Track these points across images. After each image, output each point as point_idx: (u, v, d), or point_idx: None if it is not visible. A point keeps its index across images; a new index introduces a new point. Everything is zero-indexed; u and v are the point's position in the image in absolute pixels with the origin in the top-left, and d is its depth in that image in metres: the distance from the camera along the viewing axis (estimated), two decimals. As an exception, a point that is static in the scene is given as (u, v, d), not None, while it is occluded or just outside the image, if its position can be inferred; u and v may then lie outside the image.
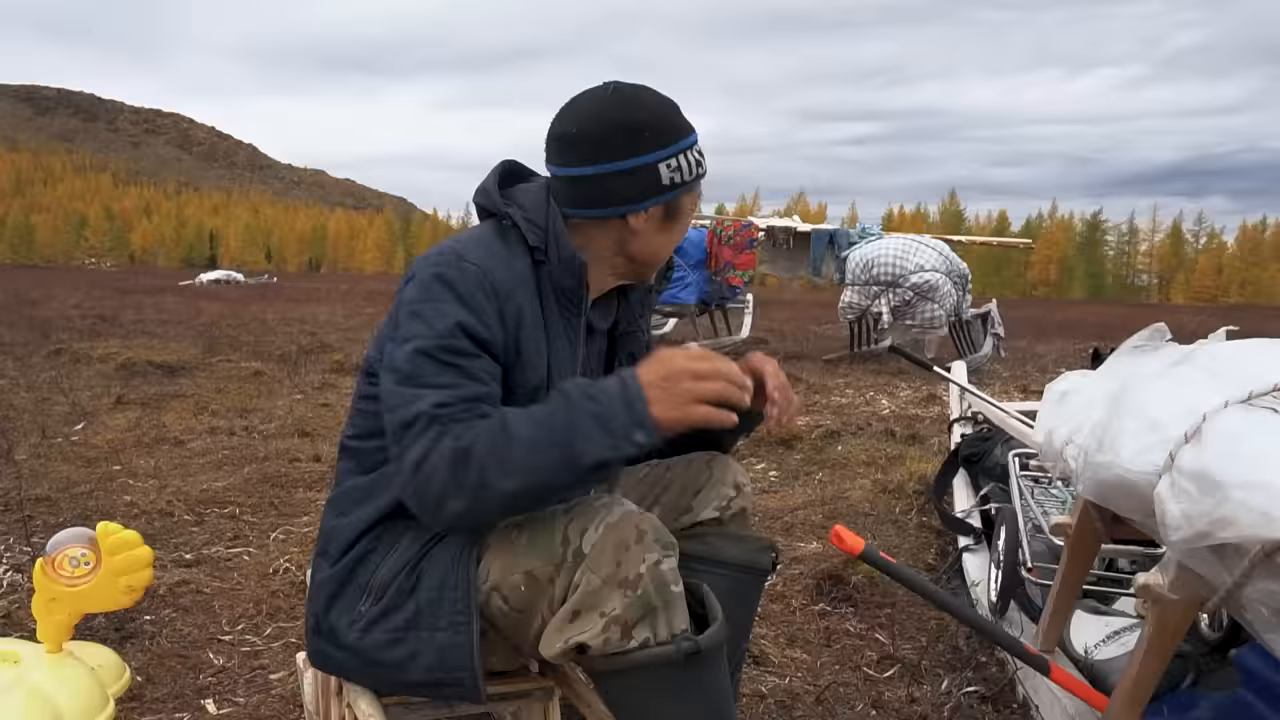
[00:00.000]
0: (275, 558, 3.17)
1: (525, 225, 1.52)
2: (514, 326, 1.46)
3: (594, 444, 1.31)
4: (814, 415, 6.60)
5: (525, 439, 1.31)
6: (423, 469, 1.33)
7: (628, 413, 1.31)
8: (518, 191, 1.58)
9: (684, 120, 1.55)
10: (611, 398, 1.32)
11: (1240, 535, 1.29)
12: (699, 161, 1.56)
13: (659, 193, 1.51)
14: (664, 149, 1.51)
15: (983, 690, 2.34)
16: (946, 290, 9.86)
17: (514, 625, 1.45)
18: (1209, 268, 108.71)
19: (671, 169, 1.51)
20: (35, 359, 8.28)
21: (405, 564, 1.46)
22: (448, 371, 1.38)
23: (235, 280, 37.37)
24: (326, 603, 1.52)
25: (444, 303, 1.42)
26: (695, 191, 1.58)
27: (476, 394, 1.39)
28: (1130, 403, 1.64)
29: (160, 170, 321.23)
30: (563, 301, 1.54)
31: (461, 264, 1.44)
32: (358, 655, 1.49)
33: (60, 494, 3.87)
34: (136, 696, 2.18)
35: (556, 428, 1.31)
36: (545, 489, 1.35)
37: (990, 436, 3.66)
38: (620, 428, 1.31)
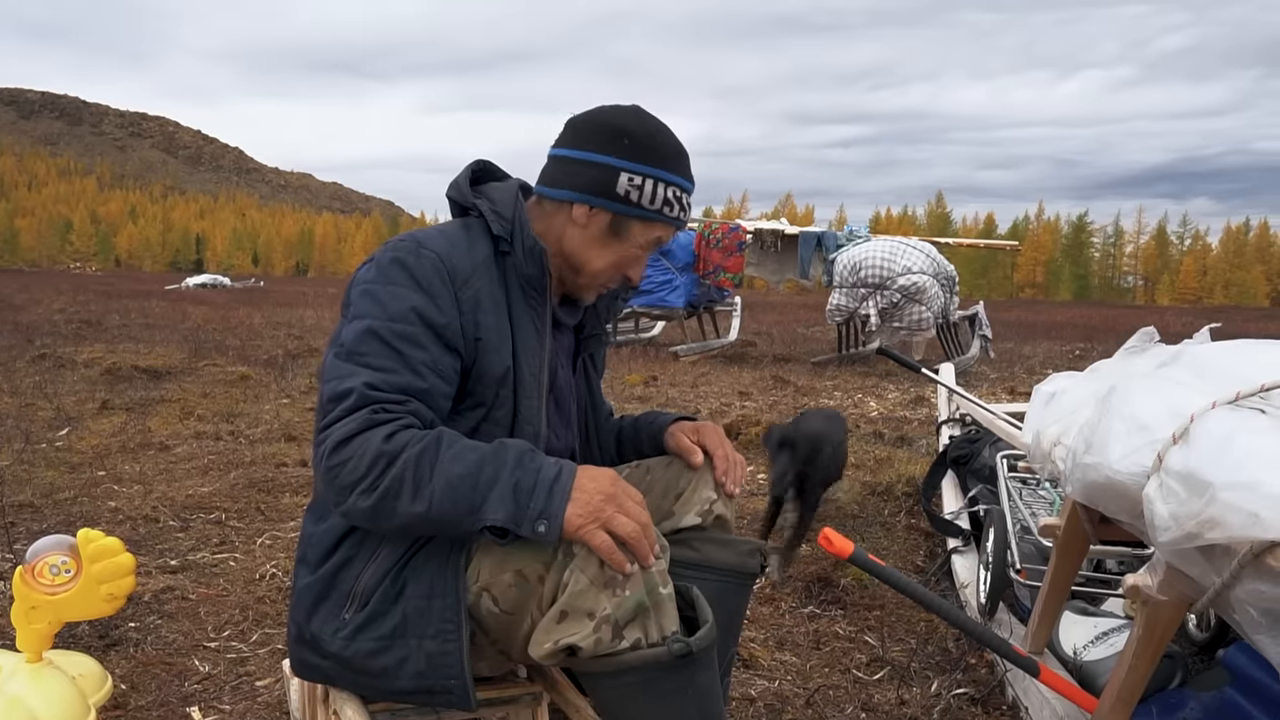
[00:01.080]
0: (261, 563, 3.14)
1: (491, 216, 1.54)
2: (471, 310, 1.47)
3: (499, 511, 1.31)
4: (802, 417, 6.60)
5: (448, 475, 1.31)
6: (345, 451, 1.33)
7: (545, 500, 1.30)
8: (489, 188, 1.61)
9: (678, 161, 1.55)
10: (541, 480, 1.31)
11: (1229, 536, 1.29)
12: (669, 202, 1.53)
13: (608, 197, 1.51)
14: (634, 163, 1.51)
15: (972, 692, 2.34)
16: (934, 292, 9.89)
17: (503, 627, 1.44)
18: (1193, 269, 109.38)
19: (632, 183, 1.51)
20: (19, 364, 8.21)
21: (388, 570, 1.45)
22: (390, 355, 1.39)
23: (222, 284, 37.18)
24: (308, 610, 1.50)
25: (400, 286, 1.43)
26: (651, 226, 1.55)
27: (407, 385, 1.39)
28: (1118, 404, 1.64)
29: (146, 174, 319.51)
30: (527, 290, 1.55)
31: (420, 250, 1.46)
32: (342, 663, 1.48)
33: (44, 500, 3.83)
34: (121, 704, 2.16)
35: (480, 480, 1.31)
36: (444, 524, 1.35)
37: (978, 438, 3.66)
38: (531, 511, 1.30)
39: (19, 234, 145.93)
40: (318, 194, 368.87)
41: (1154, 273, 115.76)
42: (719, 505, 1.64)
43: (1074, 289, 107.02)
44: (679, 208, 1.55)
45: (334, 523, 1.51)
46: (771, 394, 8.06)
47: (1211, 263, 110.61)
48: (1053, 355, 12.99)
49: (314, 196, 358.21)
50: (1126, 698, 1.77)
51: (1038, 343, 15.76)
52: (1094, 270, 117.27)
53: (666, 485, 1.67)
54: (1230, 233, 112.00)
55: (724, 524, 1.66)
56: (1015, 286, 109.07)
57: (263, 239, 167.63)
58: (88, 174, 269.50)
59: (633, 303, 11.10)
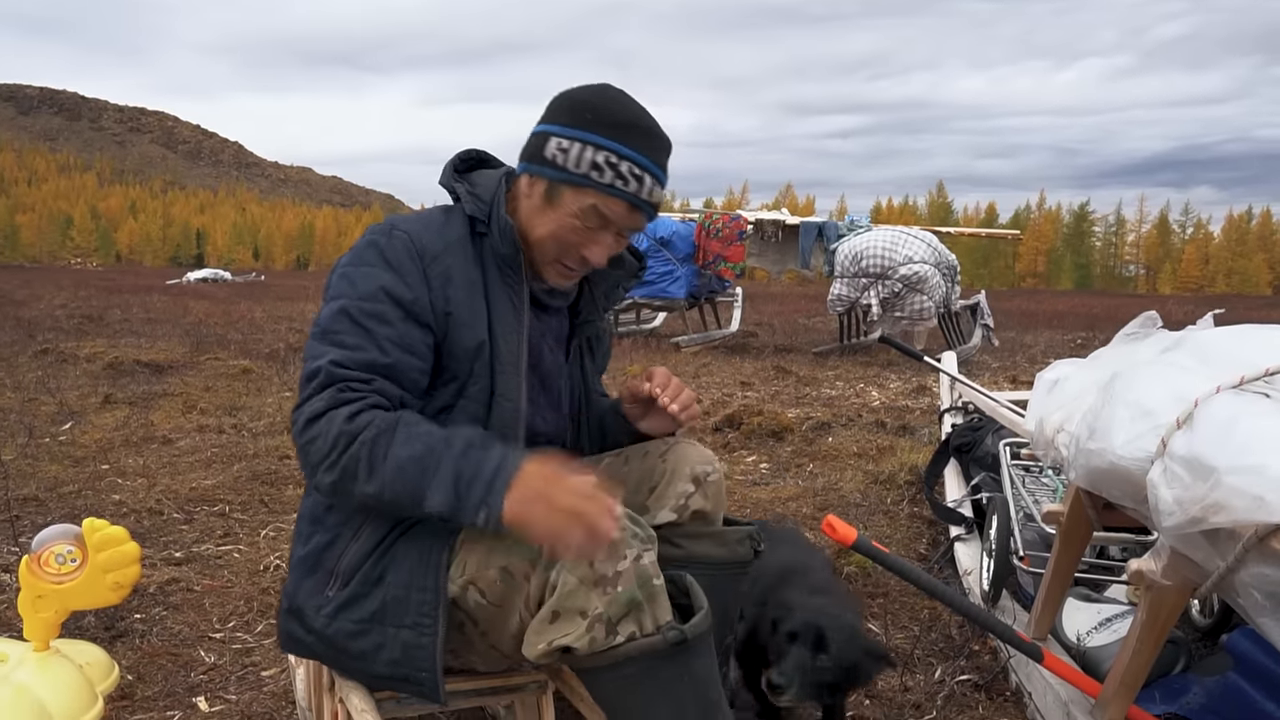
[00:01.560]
0: (265, 555, 3.15)
1: (467, 198, 1.56)
2: (441, 286, 1.49)
3: (440, 499, 1.32)
4: (804, 407, 6.61)
5: (398, 459, 1.34)
6: (313, 429, 1.38)
7: (485, 490, 1.30)
8: (476, 174, 1.63)
9: (623, 132, 1.49)
10: (483, 470, 1.31)
11: (1233, 520, 1.29)
12: (600, 167, 1.47)
13: (539, 162, 1.52)
14: (566, 127, 1.50)
15: (976, 679, 2.34)
16: (935, 282, 9.87)
17: (491, 619, 1.45)
18: (1195, 258, 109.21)
19: (559, 147, 1.49)
20: (21, 359, 8.21)
21: (369, 551, 1.47)
22: (358, 332, 1.43)
23: (223, 279, 37.15)
24: (296, 585, 1.54)
25: (372, 267, 1.48)
26: (581, 192, 1.50)
27: (372, 362, 1.42)
28: (1122, 390, 1.64)
29: (145, 169, 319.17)
30: (503, 269, 1.56)
31: (393, 232, 1.51)
32: (325, 641, 1.50)
33: (48, 494, 3.84)
34: (128, 695, 2.17)
35: (426, 466, 1.33)
36: (396, 507, 1.38)
37: (981, 426, 3.66)
38: (472, 500, 1.31)
39: (19, 230, 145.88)
40: (318, 188, 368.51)
41: (1156, 262, 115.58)
42: (695, 499, 1.61)
43: (1075, 278, 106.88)
44: (613, 174, 1.48)
45: (321, 498, 1.54)
46: (773, 384, 8.06)
47: (1214, 251, 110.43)
48: (1054, 344, 12.98)
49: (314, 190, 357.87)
50: (1130, 683, 1.77)
51: (1039, 332, 15.74)
52: (1095, 259, 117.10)
53: (640, 479, 1.65)
54: (1232, 221, 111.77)
55: (704, 517, 1.63)
56: (1017, 276, 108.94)
57: (263, 233, 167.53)
58: (87, 169, 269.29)
59: (634, 294, 11.09)
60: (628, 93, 1.55)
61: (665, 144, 1.55)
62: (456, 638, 1.49)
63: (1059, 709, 1.98)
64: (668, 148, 1.56)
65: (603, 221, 1.52)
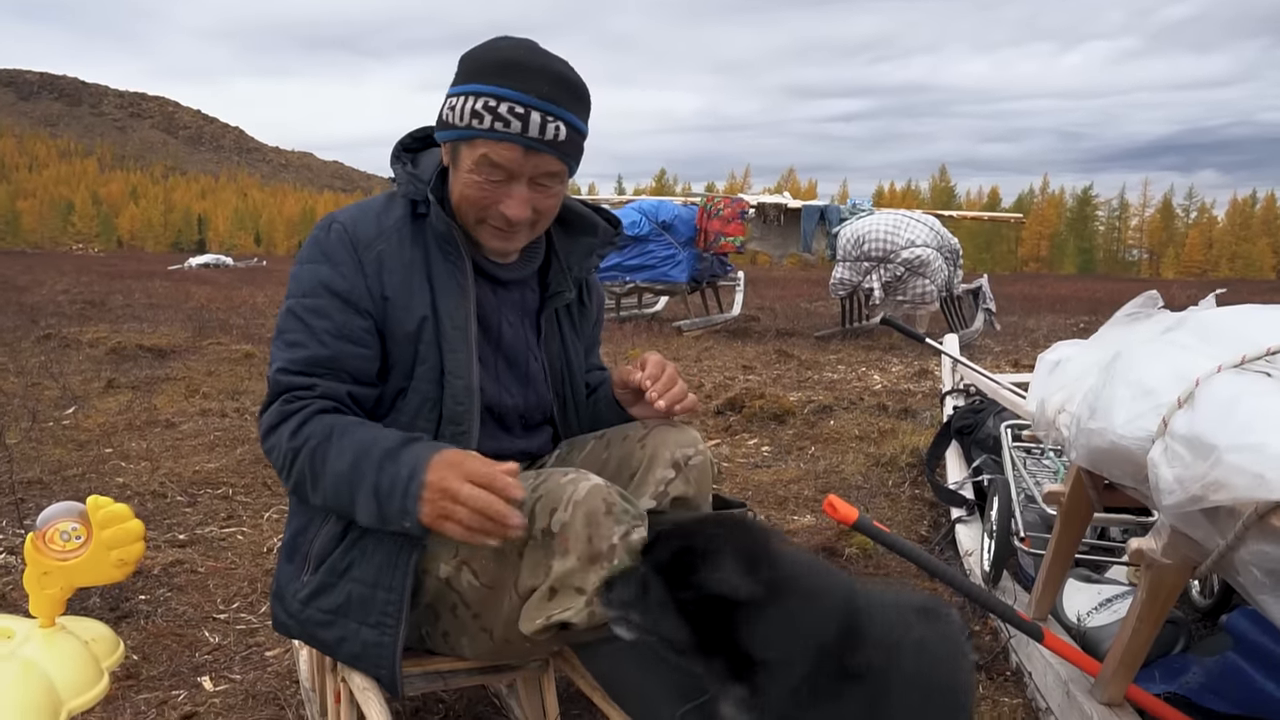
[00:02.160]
0: (269, 537, 3.17)
1: (405, 179, 1.57)
2: (375, 272, 1.51)
3: (366, 512, 1.38)
4: (806, 391, 6.61)
5: (333, 473, 1.40)
6: (268, 443, 1.48)
7: (401, 500, 1.34)
8: (424, 154, 1.63)
9: (501, 73, 1.43)
10: (397, 481, 1.34)
11: (1233, 498, 1.29)
12: (479, 114, 1.43)
13: (440, 128, 1.52)
14: (457, 86, 1.49)
15: (976, 659, 2.35)
16: (938, 265, 9.85)
17: (483, 601, 1.45)
18: (1199, 242, 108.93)
19: (449, 107, 1.49)
20: (24, 344, 8.23)
21: (336, 537, 1.51)
22: (301, 329, 1.49)
23: (224, 264, 37.17)
24: (280, 568, 1.61)
25: (312, 263, 1.53)
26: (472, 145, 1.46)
27: (312, 358, 1.48)
28: (1123, 370, 1.64)
29: (146, 154, 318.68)
30: (444, 249, 1.56)
31: (331, 225, 1.54)
32: (300, 625, 1.55)
33: (52, 477, 3.85)
34: (133, 674, 2.18)
35: (353, 480, 1.38)
36: (343, 515, 1.46)
37: (983, 409, 3.66)
38: (393, 511, 1.35)
39: (21, 216, 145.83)
40: (319, 173, 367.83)
41: (1159, 246, 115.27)
42: (676, 484, 1.54)
43: (1078, 263, 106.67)
44: (492, 118, 1.42)
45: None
46: (775, 368, 8.06)
47: (1217, 235, 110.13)
48: (1057, 328, 12.96)
49: (315, 175, 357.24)
50: (1130, 662, 1.78)
51: (1042, 316, 15.72)
52: (1099, 244, 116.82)
53: (620, 463, 1.60)
54: (1236, 205, 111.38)
55: (685, 503, 1.55)
56: (1019, 260, 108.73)
57: (264, 219, 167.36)
58: (88, 155, 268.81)
59: (636, 278, 11.09)
60: (530, 40, 1.50)
61: (558, 79, 1.46)
62: (448, 620, 1.50)
63: (1059, 688, 1.99)
64: (565, 83, 1.47)
65: (504, 172, 1.47)
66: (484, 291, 1.60)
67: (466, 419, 1.53)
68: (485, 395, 1.58)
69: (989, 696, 2.19)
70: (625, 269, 11.01)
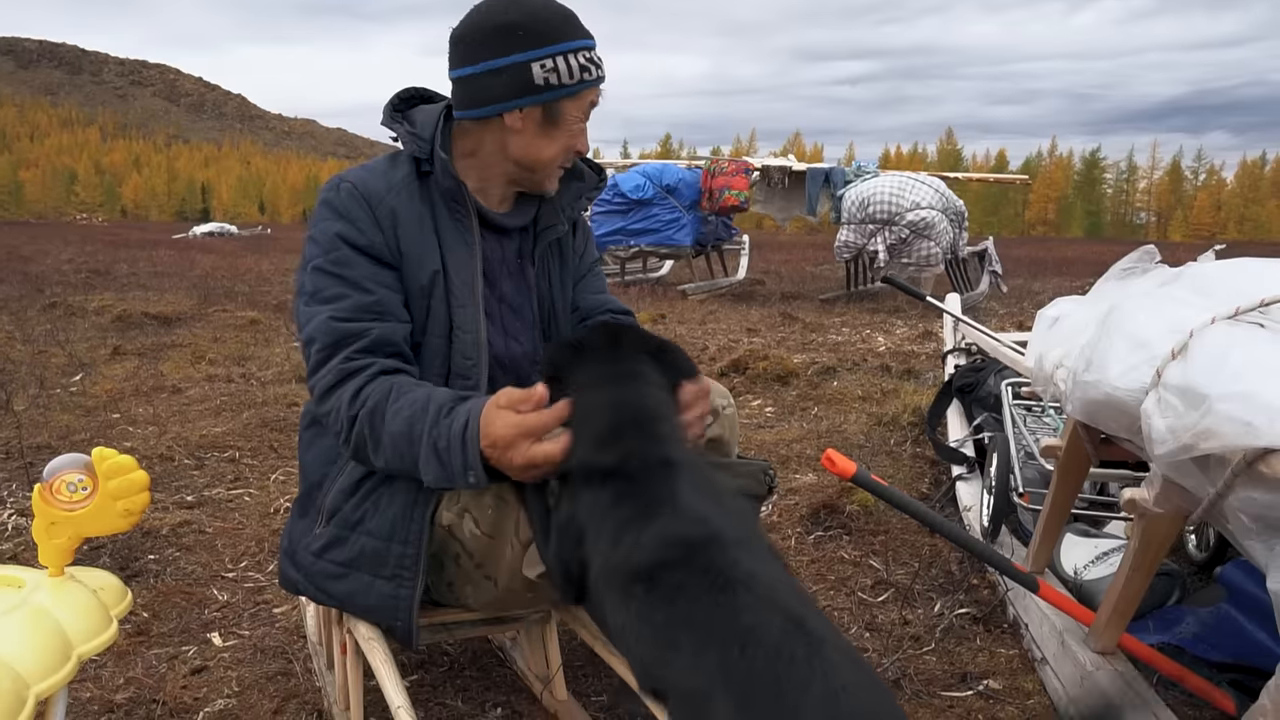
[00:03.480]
0: (275, 498, 3.20)
1: (407, 138, 1.59)
2: (390, 227, 1.53)
3: (431, 472, 1.37)
4: (810, 353, 6.62)
5: (391, 434, 1.39)
6: (325, 404, 1.46)
7: (462, 453, 1.34)
8: (416, 111, 1.64)
9: (571, 26, 1.53)
10: (454, 434, 1.34)
11: (1223, 445, 1.30)
12: (585, 67, 1.52)
13: (532, 92, 1.52)
14: (538, 49, 1.50)
15: (974, 611, 2.38)
16: (943, 228, 9.81)
17: (485, 551, 1.48)
18: (1207, 204, 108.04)
19: (546, 69, 1.51)
20: (30, 313, 8.26)
21: (351, 488, 1.53)
22: (337, 283, 1.49)
23: (229, 232, 37.14)
24: (291, 525, 1.63)
25: (327, 221, 1.53)
26: (581, 97, 1.55)
27: (360, 304, 1.48)
28: (1118, 323, 1.65)
29: (149, 122, 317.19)
30: (450, 204, 1.58)
31: (340, 184, 1.56)
32: (310, 577, 1.57)
33: (60, 442, 3.89)
34: (143, 631, 2.23)
35: (412, 438, 1.38)
36: (406, 475, 1.44)
37: (983, 367, 3.67)
38: (455, 466, 1.35)
39: (23, 186, 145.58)
40: (322, 140, 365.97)
41: (1167, 209, 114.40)
42: (713, 428, 1.61)
43: (1086, 226, 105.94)
44: (594, 67, 1.54)
45: (312, 441, 1.63)
46: (779, 330, 8.06)
47: (1226, 198, 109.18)
48: (1062, 291, 12.90)
49: (319, 143, 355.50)
50: (1123, 610, 1.80)
51: (1048, 279, 15.67)
52: (1106, 207, 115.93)
53: None
54: (1246, 167, 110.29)
55: (719, 445, 1.64)
56: (1026, 224, 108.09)
57: (268, 187, 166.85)
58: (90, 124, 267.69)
59: (640, 241, 11.06)
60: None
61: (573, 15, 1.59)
62: (452, 570, 1.52)
63: (1054, 638, 2.02)
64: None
65: (593, 108, 1.60)
66: (489, 245, 1.63)
67: (475, 373, 1.56)
68: (493, 348, 1.61)
69: (986, 648, 2.22)
70: (629, 233, 10.98)
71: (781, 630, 0.91)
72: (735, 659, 0.90)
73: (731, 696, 0.88)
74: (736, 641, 0.91)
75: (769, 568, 1.03)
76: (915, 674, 2.08)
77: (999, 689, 2.03)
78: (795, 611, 0.94)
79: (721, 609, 0.94)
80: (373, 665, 1.52)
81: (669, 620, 0.98)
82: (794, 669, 0.87)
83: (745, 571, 0.98)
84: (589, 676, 2.05)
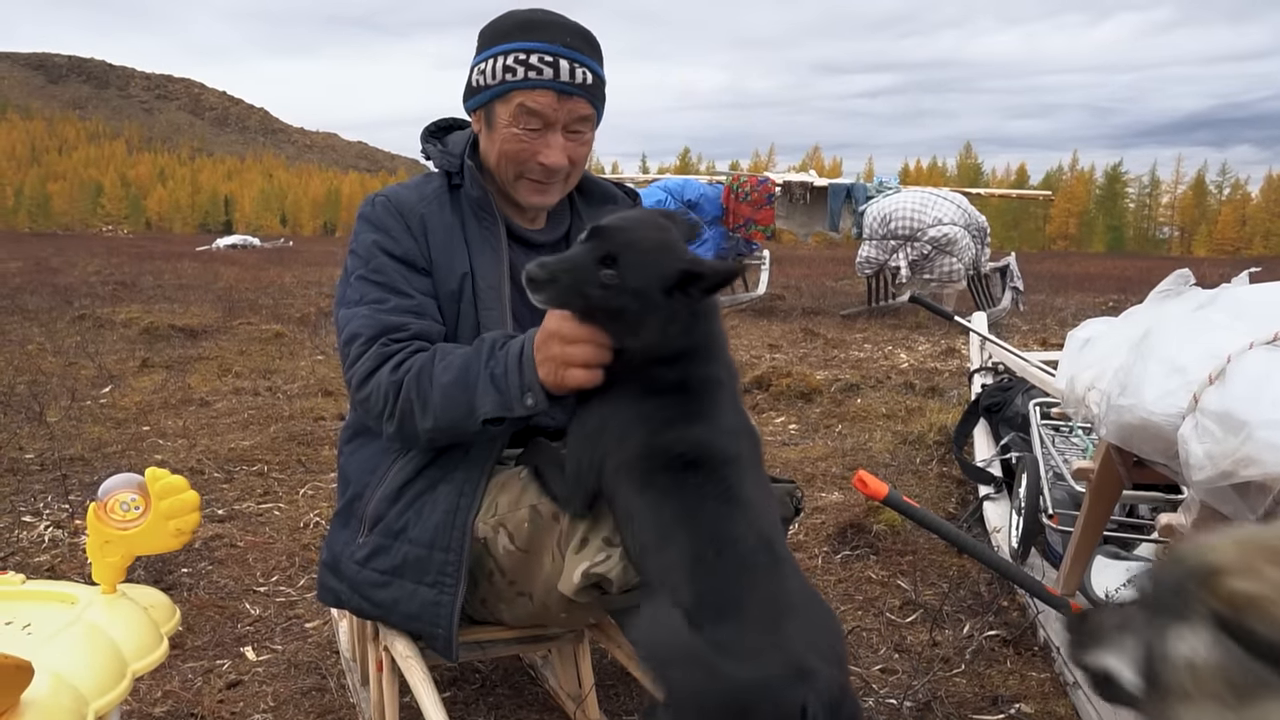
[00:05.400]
0: (305, 512, 3.23)
1: (438, 155, 1.66)
2: (421, 235, 1.59)
3: (489, 401, 1.38)
4: (833, 369, 6.61)
5: (441, 385, 1.42)
6: (367, 387, 1.49)
7: (519, 376, 1.36)
8: (449, 136, 1.73)
9: (525, 31, 1.53)
10: (510, 359, 1.37)
11: (1264, 473, 1.30)
12: (510, 68, 1.51)
13: (470, 97, 1.60)
14: (478, 54, 1.57)
15: (1004, 634, 2.37)
16: (965, 244, 9.79)
17: (519, 566, 1.48)
18: (1232, 219, 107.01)
19: (478, 71, 1.56)
20: (60, 324, 8.37)
21: (394, 497, 1.54)
22: (377, 288, 1.55)
23: (251, 245, 37.47)
24: (333, 537, 1.64)
25: (364, 234, 1.60)
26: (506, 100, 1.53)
27: (400, 306, 1.53)
28: (1154, 347, 1.65)
29: (173, 136, 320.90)
30: (479, 214, 1.63)
31: (375, 200, 1.64)
32: (354, 587, 1.58)
33: (93, 454, 3.94)
34: (178, 645, 2.25)
35: (468, 380, 1.40)
36: (455, 431, 1.45)
37: (1011, 386, 3.66)
38: (513, 390, 1.36)
39: (51, 198, 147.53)
40: (344, 153, 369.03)
41: (1191, 224, 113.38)
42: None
43: (1108, 241, 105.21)
44: (524, 69, 1.51)
45: (355, 450, 1.65)
46: (801, 346, 8.06)
47: (1251, 212, 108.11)
48: (1085, 307, 12.84)
49: (340, 156, 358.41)
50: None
51: (1070, 294, 15.57)
52: (1129, 221, 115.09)
53: None
54: (1271, 181, 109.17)
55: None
56: (1048, 239, 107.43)
57: (290, 199, 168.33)
58: (116, 137, 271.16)
59: (661, 257, 11.06)
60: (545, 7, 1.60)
61: (577, 32, 1.56)
62: (485, 588, 1.53)
63: (1087, 662, 2.01)
64: (583, 35, 1.57)
65: (541, 119, 1.54)
66: (516, 254, 1.66)
67: None
68: None
69: (1017, 671, 2.21)
70: (650, 248, 10.99)
71: (754, 546, 1.16)
72: (711, 558, 1.14)
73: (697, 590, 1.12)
74: (716, 545, 1.15)
75: (762, 494, 1.26)
76: (946, 696, 2.07)
77: (1031, 713, 2.02)
78: (768, 535, 1.19)
79: (719, 518, 1.17)
80: (411, 683, 1.53)
81: (674, 514, 1.18)
82: (755, 574, 1.13)
83: (746, 493, 1.21)
84: (621, 696, 2.05)
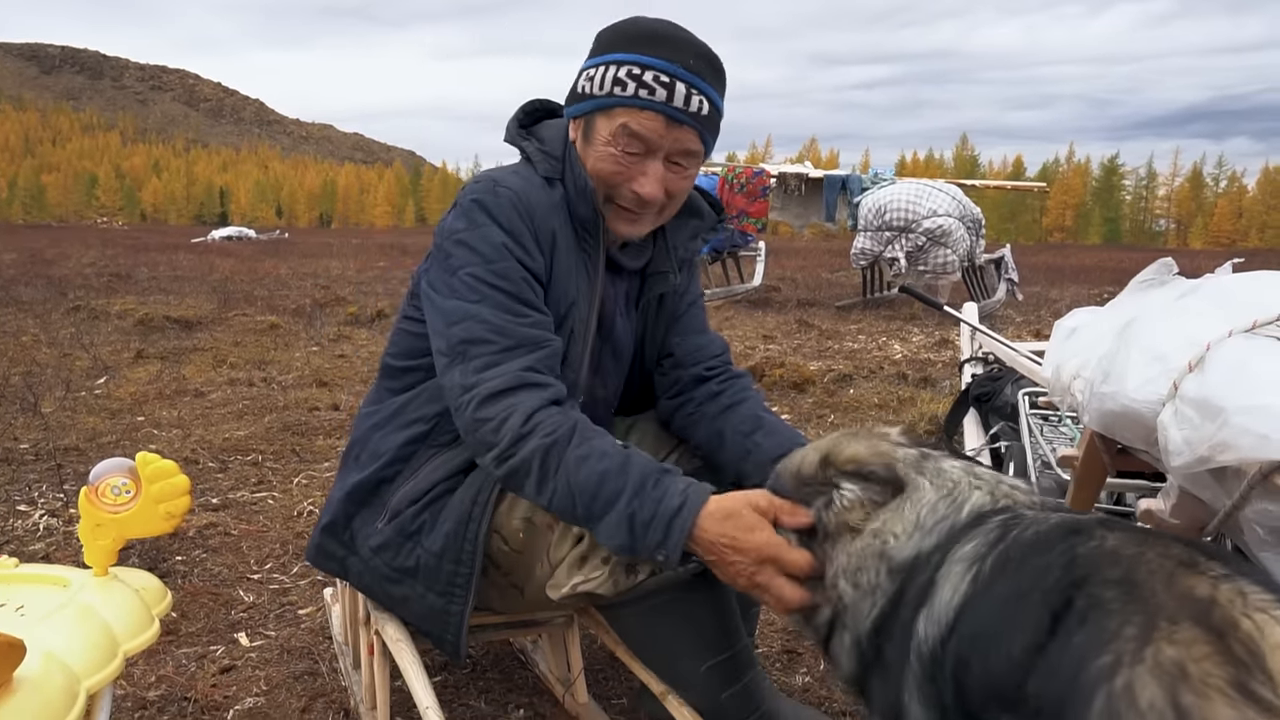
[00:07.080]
0: (299, 501, 3.25)
1: (538, 157, 1.49)
2: (549, 251, 1.44)
3: (615, 535, 1.26)
4: (826, 360, 6.63)
5: (570, 478, 1.27)
6: (490, 409, 1.32)
7: (663, 534, 1.23)
8: (542, 126, 1.56)
9: (645, 44, 1.39)
10: (660, 513, 1.23)
11: (1239, 458, 1.32)
12: (621, 81, 1.37)
13: (573, 102, 1.46)
14: (594, 57, 1.43)
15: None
16: (960, 235, 9.81)
17: (514, 564, 1.49)
18: (1228, 211, 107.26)
19: (586, 77, 1.43)
20: (55, 316, 8.37)
21: (418, 497, 1.49)
22: (505, 296, 1.37)
23: (247, 236, 37.41)
24: (351, 507, 1.55)
25: (487, 227, 1.40)
26: (610, 115, 1.40)
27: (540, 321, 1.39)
28: (1136, 335, 1.67)
29: (168, 127, 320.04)
30: (580, 232, 1.49)
31: (497, 189, 1.43)
32: (367, 570, 1.54)
33: (87, 444, 3.96)
34: (172, 631, 2.27)
35: (599, 495, 1.26)
36: (562, 517, 1.36)
37: (1000, 376, 3.68)
38: (648, 544, 1.24)
39: (46, 190, 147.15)
40: (339, 145, 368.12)
41: (1187, 216, 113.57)
42: None
43: (1104, 233, 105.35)
44: (636, 85, 1.37)
45: (390, 433, 1.55)
46: (796, 338, 8.08)
47: (1247, 205, 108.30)
48: (1080, 299, 12.88)
49: (335, 148, 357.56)
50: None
51: (1065, 286, 15.61)
52: (1125, 214, 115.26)
53: (657, 445, 1.68)
54: (1268, 174, 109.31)
55: None
56: (1044, 230, 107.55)
57: (286, 191, 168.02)
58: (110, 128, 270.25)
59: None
60: (669, 19, 1.47)
61: (704, 54, 1.41)
62: (479, 578, 1.52)
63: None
64: (709, 59, 1.42)
65: (643, 144, 1.40)
66: (606, 282, 1.54)
67: None
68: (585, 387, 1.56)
69: (1002, 656, 2.23)
70: (645, 240, 11.01)
71: None
72: None
73: None
74: None
75: None
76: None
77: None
78: None
79: None
80: (401, 666, 1.55)
81: None
82: None
83: None
84: (610, 680, 2.08)
